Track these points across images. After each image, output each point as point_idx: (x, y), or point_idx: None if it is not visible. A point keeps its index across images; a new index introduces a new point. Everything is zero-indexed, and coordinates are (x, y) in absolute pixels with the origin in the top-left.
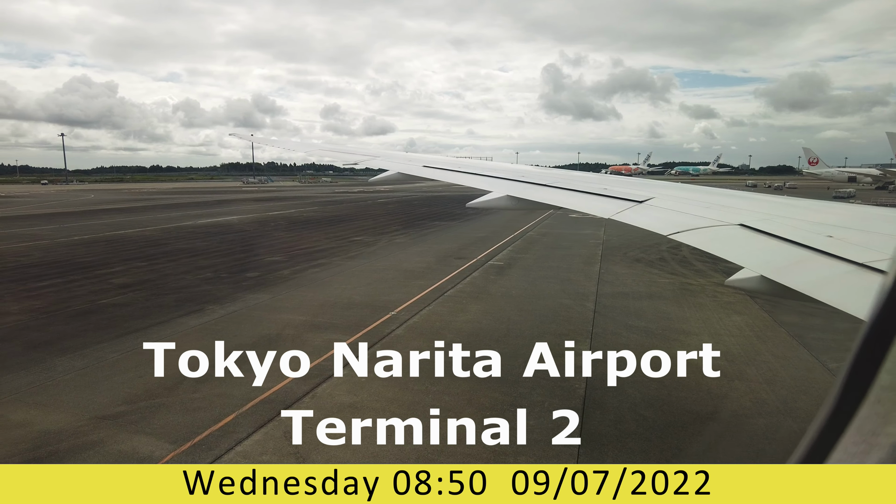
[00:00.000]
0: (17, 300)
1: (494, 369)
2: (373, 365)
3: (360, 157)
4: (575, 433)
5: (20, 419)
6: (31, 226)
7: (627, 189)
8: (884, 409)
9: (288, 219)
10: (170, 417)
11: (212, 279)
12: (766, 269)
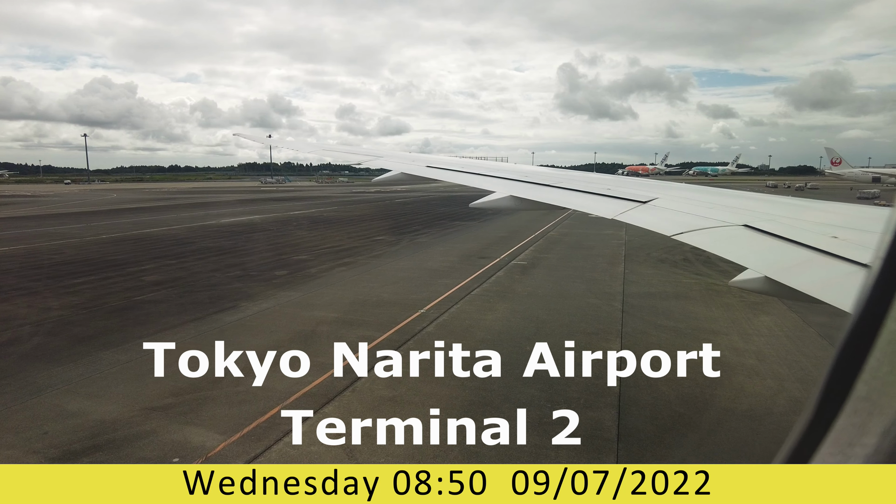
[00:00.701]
0: (56, 296)
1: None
2: (407, 360)
3: (362, 156)
4: (613, 428)
5: (76, 409)
6: (60, 224)
7: (631, 189)
8: (860, 420)
9: (309, 218)
10: (217, 410)
11: (242, 277)
12: (770, 270)
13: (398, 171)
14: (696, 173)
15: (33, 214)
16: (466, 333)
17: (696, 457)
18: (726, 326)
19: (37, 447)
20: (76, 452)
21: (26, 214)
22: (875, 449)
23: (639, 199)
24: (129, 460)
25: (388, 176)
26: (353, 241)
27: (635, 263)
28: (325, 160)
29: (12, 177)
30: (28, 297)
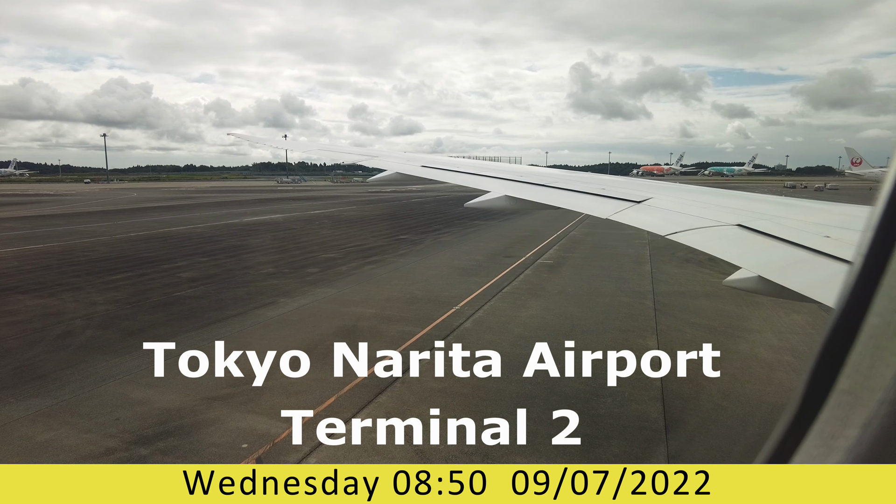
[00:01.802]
0: (99, 292)
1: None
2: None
3: (357, 156)
4: (660, 419)
5: (140, 397)
6: (87, 223)
7: (626, 189)
8: (842, 413)
9: (331, 217)
10: (275, 399)
11: (275, 274)
12: (763, 270)
13: (393, 171)
14: (712, 173)
15: (59, 213)
16: (503, 329)
17: (755, 451)
18: (759, 325)
19: (111, 432)
20: (149, 437)
21: (53, 213)
22: (857, 441)
23: (633, 199)
24: (199, 445)
25: (383, 176)
26: (377, 239)
27: (661, 263)
28: (322, 160)
29: (32, 176)
30: (73, 293)
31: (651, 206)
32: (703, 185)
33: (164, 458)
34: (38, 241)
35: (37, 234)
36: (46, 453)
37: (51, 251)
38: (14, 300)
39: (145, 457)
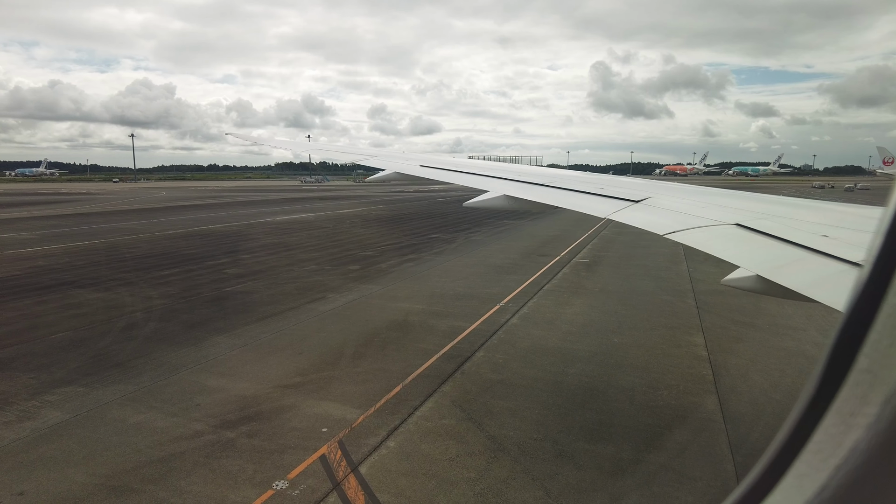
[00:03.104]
0: (151, 286)
1: (621, 356)
2: (506, 347)
3: (356, 156)
4: (717, 412)
5: (215, 385)
6: (124, 220)
7: (624, 189)
8: (861, 391)
9: (360, 217)
10: (344, 387)
11: (318, 271)
12: (761, 269)
13: (391, 171)
14: (736, 173)
15: (96, 211)
16: (550, 326)
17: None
18: (803, 323)
19: (196, 416)
20: (233, 422)
21: (89, 211)
22: (876, 417)
23: (632, 198)
24: (281, 429)
25: (382, 175)
26: (409, 238)
27: (696, 262)
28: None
29: (62, 175)
30: (127, 287)
31: (649, 206)
32: (727, 185)
33: (251, 441)
34: (82, 238)
35: (79, 231)
36: (141, 434)
37: (96, 248)
38: (75, 294)
39: (232, 440)
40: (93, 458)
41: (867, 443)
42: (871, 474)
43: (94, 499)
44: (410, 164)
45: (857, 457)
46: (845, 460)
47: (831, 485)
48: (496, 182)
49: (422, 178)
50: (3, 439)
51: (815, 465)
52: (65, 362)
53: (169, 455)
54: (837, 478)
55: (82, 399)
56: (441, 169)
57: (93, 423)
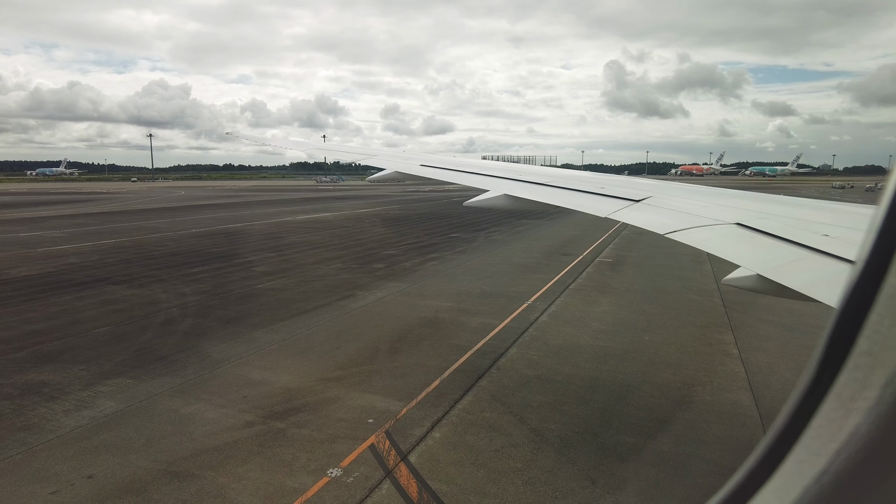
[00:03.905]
0: (183, 283)
1: (653, 354)
2: (539, 344)
3: (357, 155)
4: (753, 407)
5: (259, 378)
6: (147, 219)
7: (625, 188)
8: (862, 375)
9: (379, 216)
10: (384, 381)
11: (344, 269)
12: (762, 268)
13: (392, 170)
14: (754, 173)
15: (118, 210)
16: (580, 324)
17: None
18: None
19: (244, 407)
20: (280, 413)
21: (112, 210)
22: (877, 401)
23: (632, 198)
24: (328, 420)
25: (382, 175)
26: (430, 237)
27: (720, 262)
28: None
29: (81, 175)
30: (159, 284)
31: (650, 206)
32: (744, 186)
33: (301, 431)
34: (109, 237)
35: (105, 229)
36: (193, 424)
37: (124, 246)
38: (111, 290)
39: (282, 430)
40: (151, 446)
41: (868, 427)
42: (872, 458)
43: (158, 483)
44: (411, 164)
45: (858, 441)
46: (845, 445)
47: (831, 469)
48: (497, 181)
49: (423, 177)
50: (65, 426)
51: (815, 450)
52: (111, 355)
53: (223, 444)
54: (837, 463)
55: (133, 390)
56: (441, 168)
57: (146, 412)
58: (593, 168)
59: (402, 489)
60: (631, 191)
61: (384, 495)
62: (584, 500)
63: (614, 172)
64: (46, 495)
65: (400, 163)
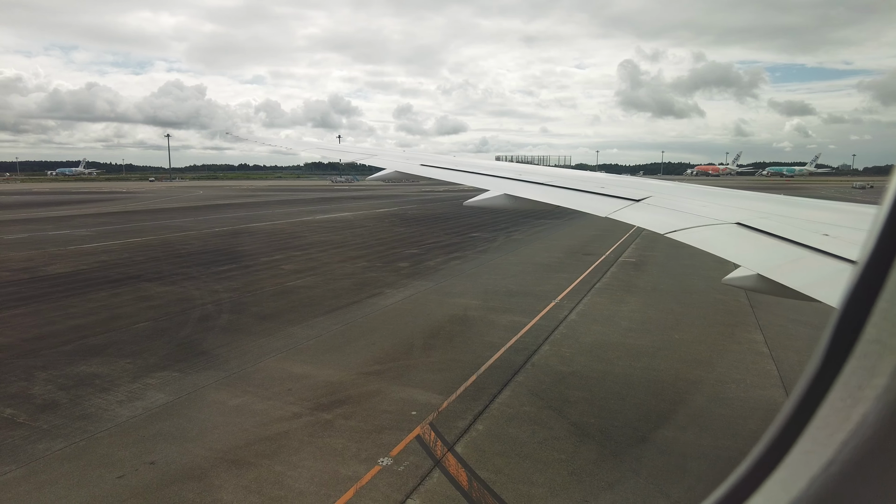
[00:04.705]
0: (215, 281)
1: (684, 352)
2: (570, 342)
3: (356, 154)
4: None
5: (301, 372)
6: (170, 218)
7: (625, 188)
8: (869, 363)
9: (397, 216)
10: (423, 375)
11: (370, 268)
12: (762, 268)
13: (392, 170)
14: (771, 174)
15: (140, 209)
16: (610, 322)
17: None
18: None
19: (290, 399)
20: (327, 405)
21: (135, 209)
22: (885, 388)
23: (632, 197)
24: (373, 412)
25: (383, 174)
26: (450, 237)
27: None
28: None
29: (100, 175)
30: (191, 282)
31: (650, 205)
32: (761, 186)
33: (348, 422)
34: (135, 235)
35: (130, 228)
36: (242, 415)
37: (150, 244)
38: (144, 287)
39: (330, 421)
40: (206, 435)
41: (876, 415)
42: (880, 447)
43: (217, 470)
44: (411, 163)
45: (866, 430)
46: (853, 434)
47: (839, 459)
48: (497, 181)
49: (424, 177)
50: (121, 416)
51: (822, 440)
52: (154, 350)
53: (275, 434)
54: (845, 452)
55: (179, 383)
56: (442, 168)
57: (196, 404)
58: (608, 168)
59: (452, 478)
60: (631, 191)
61: (435, 483)
62: (630, 489)
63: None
64: (114, 479)
65: (400, 162)
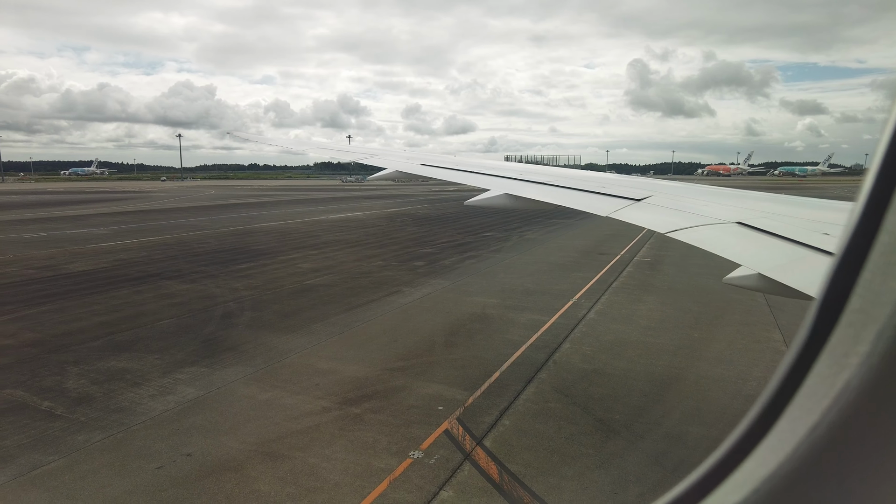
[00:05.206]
0: (233, 279)
1: (703, 349)
2: (590, 340)
3: (357, 154)
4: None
5: (326, 368)
6: (185, 217)
7: (625, 188)
8: (854, 331)
9: (409, 215)
10: (446, 372)
11: (386, 266)
12: (763, 267)
13: (392, 169)
14: (783, 173)
15: (155, 209)
16: (628, 321)
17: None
18: None
19: (318, 394)
20: (354, 400)
21: (149, 209)
22: (867, 354)
23: (633, 197)
24: (401, 407)
25: (384, 174)
26: (463, 236)
27: None
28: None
29: (112, 174)
30: (210, 280)
31: (651, 205)
32: (773, 186)
33: (377, 416)
34: (151, 234)
35: (147, 227)
36: (273, 410)
37: (167, 243)
38: (165, 285)
39: (359, 415)
40: (239, 429)
41: (859, 378)
42: (862, 410)
43: (253, 462)
44: (412, 163)
45: (850, 393)
46: (837, 398)
47: (824, 422)
48: (498, 181)
49: (424, 176)
50: (155, 410)
51: (809, 407)
52: (180, 346)
53: (306, 427)
54: (830, 415)
55: (208, 378)
56: (442, 168)
57: (226, 398)
58: (618, 168)
59: (483, 470)
60: (632, 190)
61: (466, 476)
62: (657, 483)
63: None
64: (153, 469)
65: (401, 162)
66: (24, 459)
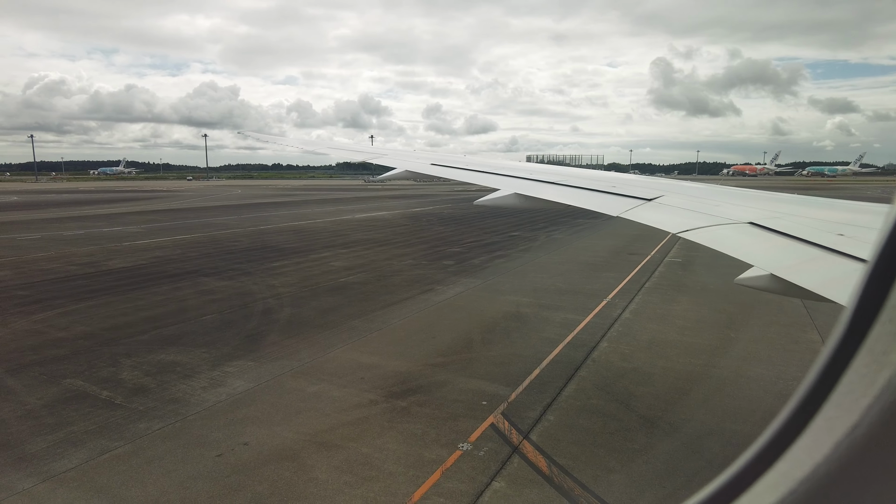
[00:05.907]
0: (270, 276)
1: (745, 351)
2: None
3: (367, 153)
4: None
5: (369, 363)
6: (214, 216)
7: (636, 187)
8: (893, 329)
9: (434, 215)
10: (486, 368)
11: (416, 265)
12: (775, 268)
13: (402, 169)
14: (811, 174)
15: (184, 207)
16: (664, 321)
17: None
18: None
19: (364, 388)
20: (399, 393)
21: (178, 207)
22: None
23: (644, 196)
24: (445, 401)
25: (393, 174)
26: (490, 236)
27: None
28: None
29: (139, 174)
30: (247, 277)
31: (662, 205)
32: (801, 187)
33: (423, 410)
34: (183, 232)
35: (178, 225)
36: (322, 402)
37: (200, 241)
38: (204, 282)
39: (406, 408)
40: (291, 419)
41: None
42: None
43: (308, 451)
44: (421, 163)
45: (891, 393)
46: (878, 398)
47: (864, 422)
48: (508, 180)
49: (433, 176)
50: (208, 401)
51: (846, 406)
52: (225, 340)
53: (356, 419)
54: (870, 415)
55: (257, 371)
56: (452, 167)
57: (276, 391)
58: (641, 168)
59: (532, 463)
60: (644, 190)
61: (516, 468)
62: (703, 477)
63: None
64: (213, 457)
65: (410, 162)
66: (94, 444)
